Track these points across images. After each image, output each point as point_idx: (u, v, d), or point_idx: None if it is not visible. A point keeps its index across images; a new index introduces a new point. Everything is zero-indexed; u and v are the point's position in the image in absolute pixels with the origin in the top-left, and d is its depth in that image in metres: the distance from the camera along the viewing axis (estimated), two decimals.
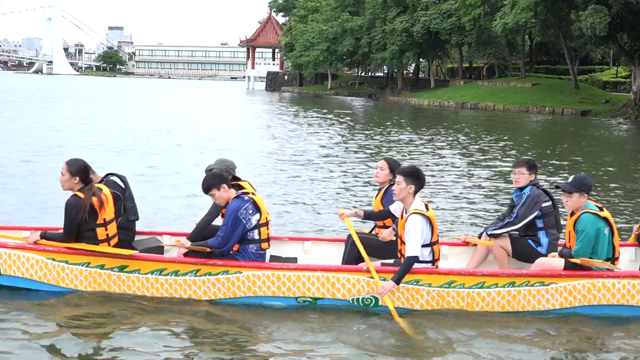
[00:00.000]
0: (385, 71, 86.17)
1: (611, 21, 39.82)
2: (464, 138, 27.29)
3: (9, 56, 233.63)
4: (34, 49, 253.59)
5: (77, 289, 6.74)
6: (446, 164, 18.97)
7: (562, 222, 7.59)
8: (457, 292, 6.53)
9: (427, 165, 18.33)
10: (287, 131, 28.86)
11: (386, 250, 7.13)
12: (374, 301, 6.53)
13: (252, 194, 6.91)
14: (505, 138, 27.97)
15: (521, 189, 7.41)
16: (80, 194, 6.67)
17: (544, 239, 7.25)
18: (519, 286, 6.56)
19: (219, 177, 6.77)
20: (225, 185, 6.72)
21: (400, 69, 72.14)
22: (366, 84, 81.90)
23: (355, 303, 6.57)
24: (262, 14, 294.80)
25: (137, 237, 7.39)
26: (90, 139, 22.58)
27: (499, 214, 8.46)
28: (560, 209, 7.57)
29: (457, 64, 70.50)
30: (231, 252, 6.76)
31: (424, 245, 6.52)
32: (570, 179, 6.76)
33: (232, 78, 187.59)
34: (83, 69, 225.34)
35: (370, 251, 6.85)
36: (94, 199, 6.68)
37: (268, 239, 6.89)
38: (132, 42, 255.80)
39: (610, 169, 19.25)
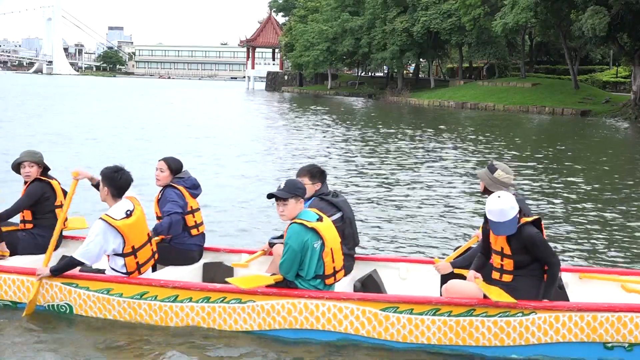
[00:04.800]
0: (385, 71, 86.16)
1: (611, 21, 39.81)
2: (462, 138, 27.30)
3: (9, 56, 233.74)
4: (34, 49, 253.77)
5: None
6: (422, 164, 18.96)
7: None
8: (150, 304, 5.96)
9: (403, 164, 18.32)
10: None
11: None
12: (68, 309, 6.18)
13: None
14: (503, 138, 27.96)
15: (309, 199, 6.58)
16: None
17: None
18: (214, 302, 5.85)
19: None
20: None
21: (400, 69, 72.13)
22: (366, 84, 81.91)
23: (51, 309, 6.20)
24: (262, 14, 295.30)
25: None
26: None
27: None
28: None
29: (457, 64, 70.49)
30: None
31: (116, 255, 6.06)
32: (283, 184, 5.85)
33: (232, 78, 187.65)
34: (83, 69, 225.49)
35: (165, 256, 6.75)
36: None
37: None
38: (132, 42, 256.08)
39: (607, 168, 19.25)
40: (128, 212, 6.07)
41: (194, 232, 6.93)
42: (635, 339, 5.42)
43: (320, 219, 5.85)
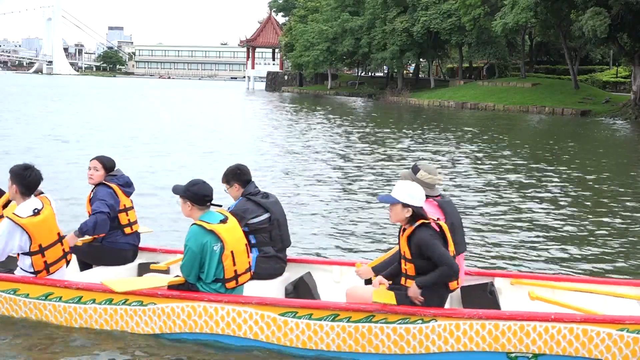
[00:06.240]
0: (385, 71, 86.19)
1: (611, 21, 39.81)
2: (464, 138, 27.30)
3: (9, 56, 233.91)
4: (34, 49, 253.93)
5: None
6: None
7: None
8: (54, 305, 5.96)
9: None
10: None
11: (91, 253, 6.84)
12: None
13: None
14: (503, 138, 27.96)
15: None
16: None
17: (252, 255, 6.31)
18: (117, 304, 5.82)
19: None
20: None
21: (400, 69, 72.15)
22: (366, 84, 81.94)
23: None
24: (262, 14, 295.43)
25: None
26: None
27: None
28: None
29: (457, 64, 70.51)
30: None
31: (24, 254, 6.01)
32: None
33: (232, 78, 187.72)
34: (83, 69, 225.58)
35: (97, 256, 6.75)
36: None
37: None
38: (132, 42, 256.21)
39: (606, 169, 19.25)
40: (35, 211, 5.98)
41: (127, 230, 6.81)
42: (539, 349, 5.21)
43: (224, 221, 5.70)
